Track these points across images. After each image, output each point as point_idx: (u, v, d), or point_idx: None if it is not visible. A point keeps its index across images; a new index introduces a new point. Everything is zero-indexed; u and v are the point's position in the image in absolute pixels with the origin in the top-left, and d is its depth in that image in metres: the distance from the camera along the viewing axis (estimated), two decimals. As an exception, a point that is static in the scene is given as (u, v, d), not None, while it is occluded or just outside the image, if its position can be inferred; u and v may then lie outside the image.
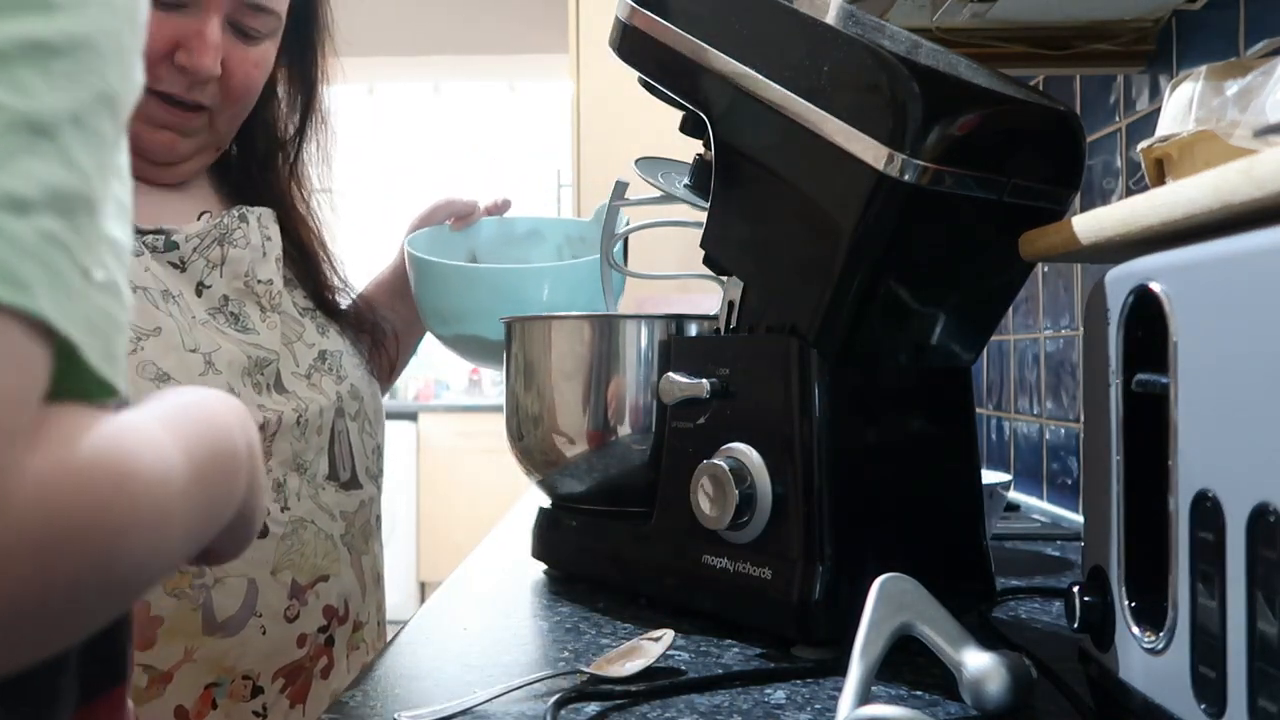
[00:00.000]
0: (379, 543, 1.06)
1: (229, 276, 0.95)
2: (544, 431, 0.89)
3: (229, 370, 0.90)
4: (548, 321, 0.91)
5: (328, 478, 0.96)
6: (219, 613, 0.86)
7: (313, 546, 0.93)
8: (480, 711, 0.58)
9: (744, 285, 0.78)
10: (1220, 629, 0.41)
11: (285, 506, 0.91)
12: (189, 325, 0.90)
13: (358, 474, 1.00)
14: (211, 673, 0.86)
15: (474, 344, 1.08)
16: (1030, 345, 1.48)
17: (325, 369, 0.99)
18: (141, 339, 0.86)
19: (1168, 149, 0.59)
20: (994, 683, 0.55)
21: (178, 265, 0.93)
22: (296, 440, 0.93)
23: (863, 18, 0.80)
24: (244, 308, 0.95)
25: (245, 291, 0.96)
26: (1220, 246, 0.42)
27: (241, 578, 0.88)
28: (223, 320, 0.93)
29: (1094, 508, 0.55)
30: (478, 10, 3.29)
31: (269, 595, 0.89)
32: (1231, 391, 0.41)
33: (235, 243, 0.96)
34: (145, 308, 0.88)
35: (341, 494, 0.97)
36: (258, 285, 0.97)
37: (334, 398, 0.98)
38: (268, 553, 0.90)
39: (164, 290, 0.90)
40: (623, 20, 0.84)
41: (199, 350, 0.88)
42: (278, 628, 0.90)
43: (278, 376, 0.94)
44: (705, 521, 0.73)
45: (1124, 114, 1.21)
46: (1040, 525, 1.22)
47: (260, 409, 0.90)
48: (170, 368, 0.86)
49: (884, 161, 0.64)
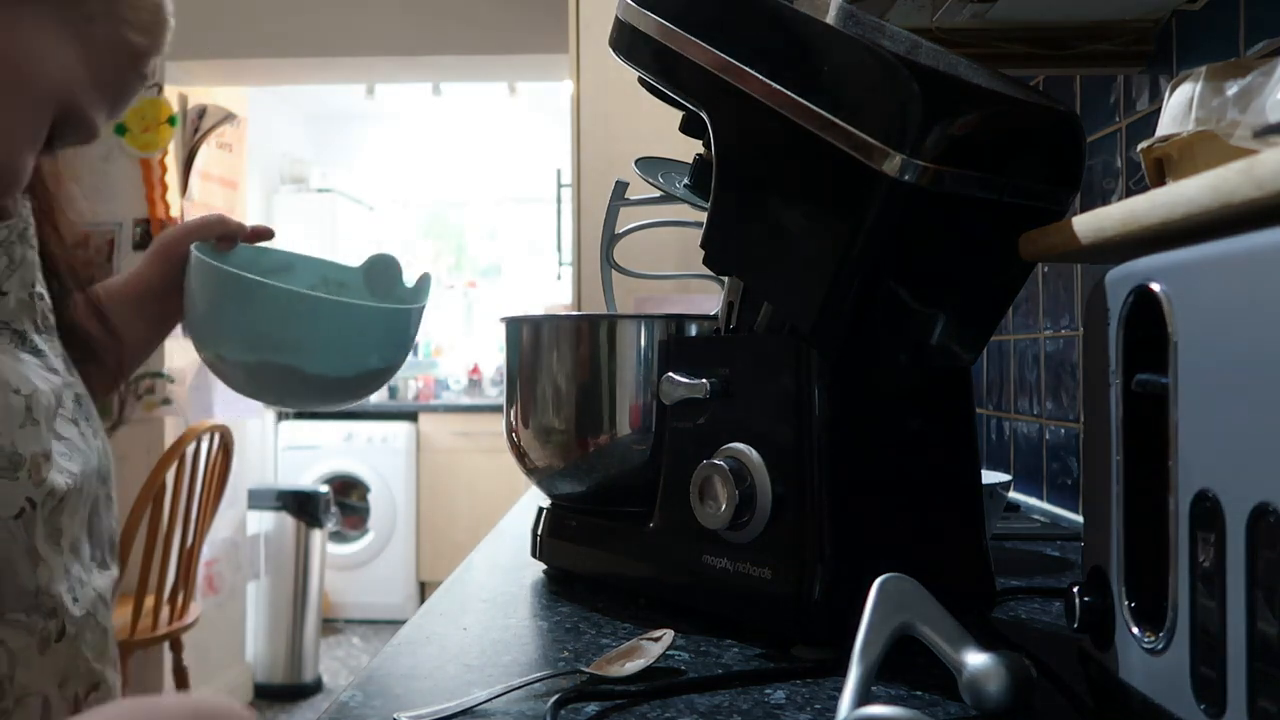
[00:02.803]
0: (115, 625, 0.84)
1: (20, 285, 0.75)
2: (544, 432, 0.89)
3: (46, 419, 0.72)
4: (548, 322, 0.91)
5: (91, 558, 0.77)
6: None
7: (92, 645, 0.76)
8: (480, 711, 0.58)
9: (744, 285, 0.78)
10: (1220, 629, 0.41)
11: (76, 599, 0.74)
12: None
13: (106, 552, 0.81)
14: None
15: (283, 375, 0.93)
16: (1030, 345, 1.48)
17: (84, 417, 0.78)
18: None
19: (1168, 149, 0.59)
20: (994, 683, 0.55)
21: None
22: (73, 512, 0.74)
23: (863, 18, 0.80)
24: (25, 325, 0.75)
25: (27, 305, 0.76)
26: (1220, 246, 0.42)
27: (37, 696, 0.71)
28: (11, 340, 0.74)
29: (1094, 508, 0.55)
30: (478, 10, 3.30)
31: (58, 715, 0.73)
32: (1231, 391, 0.41)
33: (30, 242, 0.76)
34: None
35: (102, 576, 0.79)
36: (36, 299, 0.77)
37: (97, 457, 0.78)
38: (60, 660, 0.73)
39: None
40: (622, 19, 0.84)
41: (20, 391, 0.71)
42: None
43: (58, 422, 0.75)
44: (705, 521, 0.73)
45: (1124, 114, 1.21)
46: (1040, 525, 1.22)
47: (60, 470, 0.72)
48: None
49: (884, 161, 0.64)
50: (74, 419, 0.76)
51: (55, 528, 0.72)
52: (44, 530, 0.70)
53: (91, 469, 0.76)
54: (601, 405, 0.86)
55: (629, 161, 0.92)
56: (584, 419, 0.87)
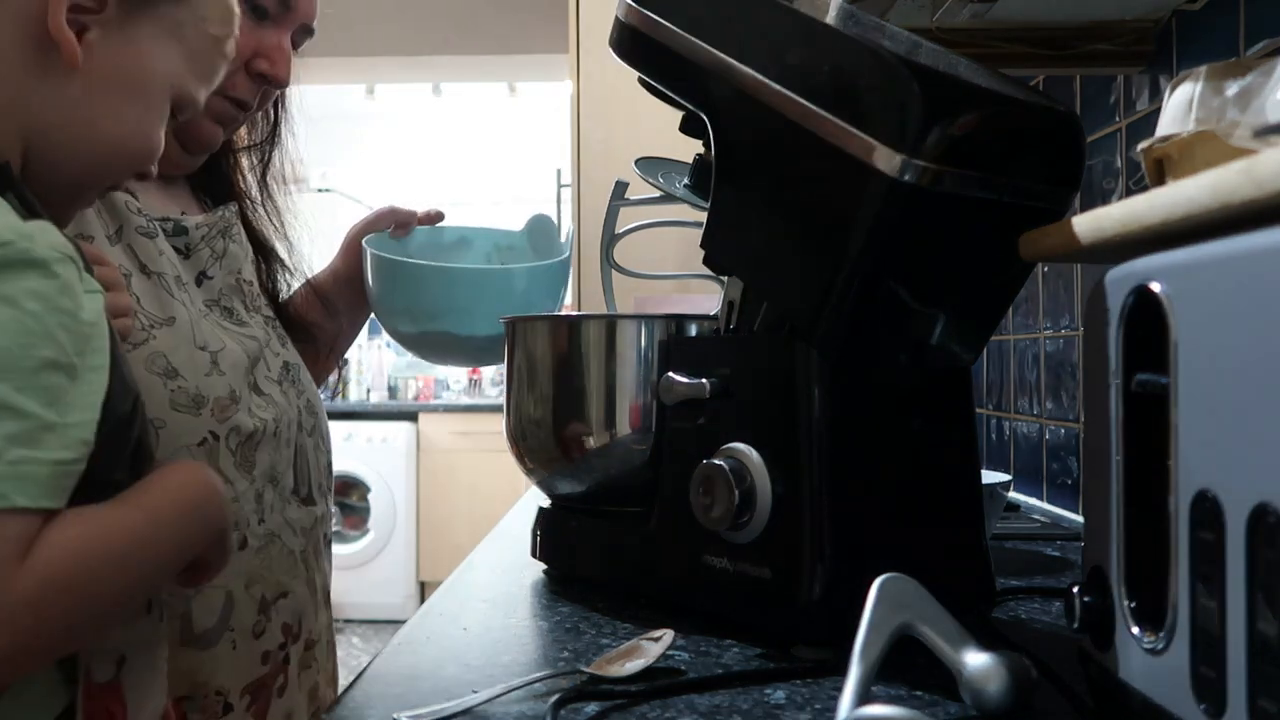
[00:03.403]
0: (329, 561, 1.06)
1: (226, 270, 0.97)
2: (544, 431, 0.89)
3: (232, 371, 0.90)
4: (548, 322, 0.91)
5: (292, 492, 0.96)
6: (196, 625, 0.86)
7: (279, 561, 0.93)
8: (480, 711, 0.58)
9: (744, 285, 0.78)
10: (1220, 629, 0.41)
11: (262, 519, 0.91)
12: (196, 317, 0.90)
13: (314, 490, 1.00)
14: (184, 686, 0.85)
15: (443, 341, 1.12)
16: (1030, 345, 1.48)
17: (289, 380, 0.99)
18: (154, 326, 0.86)
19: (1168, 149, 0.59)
20: (994, 683, 0.55)
21: (183, 251, 0.94)
22: (273, 451, 0.93)
23: (863, 18, 0.80)
24: (234, 303, 0.97)
25: (235, 289, 0.98)
26: (1220, 246, 0.42)
27: (220, 590, 0.87)
28: (219, 313, 0.94)
29: (1094, 508, 0.55)
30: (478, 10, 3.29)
31: (241, 610, 0.89)
32: (1231, 391, 0.41)
33: (234, 238, 0.99)
34: (159, 293, 0.88)
35: (301, 510, 0.97)
36: (244, 284, 0.99)
37: (297, 411, 0.98)
38: (244, 565, 0.89)
39: (176, 276, 0.91)
40: (622, 20, 0.84)
41: (207, 348, 0.89)
42: (246, 643, 0.89)
43: (259, 378, 0.94)
44: (705, 521, 0.73)
45: (1124, 114, 1.21)
46: (1040, 525, 1.22)
47: (251, 412, 0.90)
48: (180, 363, 0.86)
49: (884, 162, 0.64)
50: (278, 380, 0.97)
51: (247, 459, 0.90)
52: (232, 459, 0.89)
53: (291, 420, 0.96)
54: (601, 405, 0.86)
55: (629, 161, 0.92)
56: (584, 419, 0.87)
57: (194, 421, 0.86)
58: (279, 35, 0.97)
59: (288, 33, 0.98)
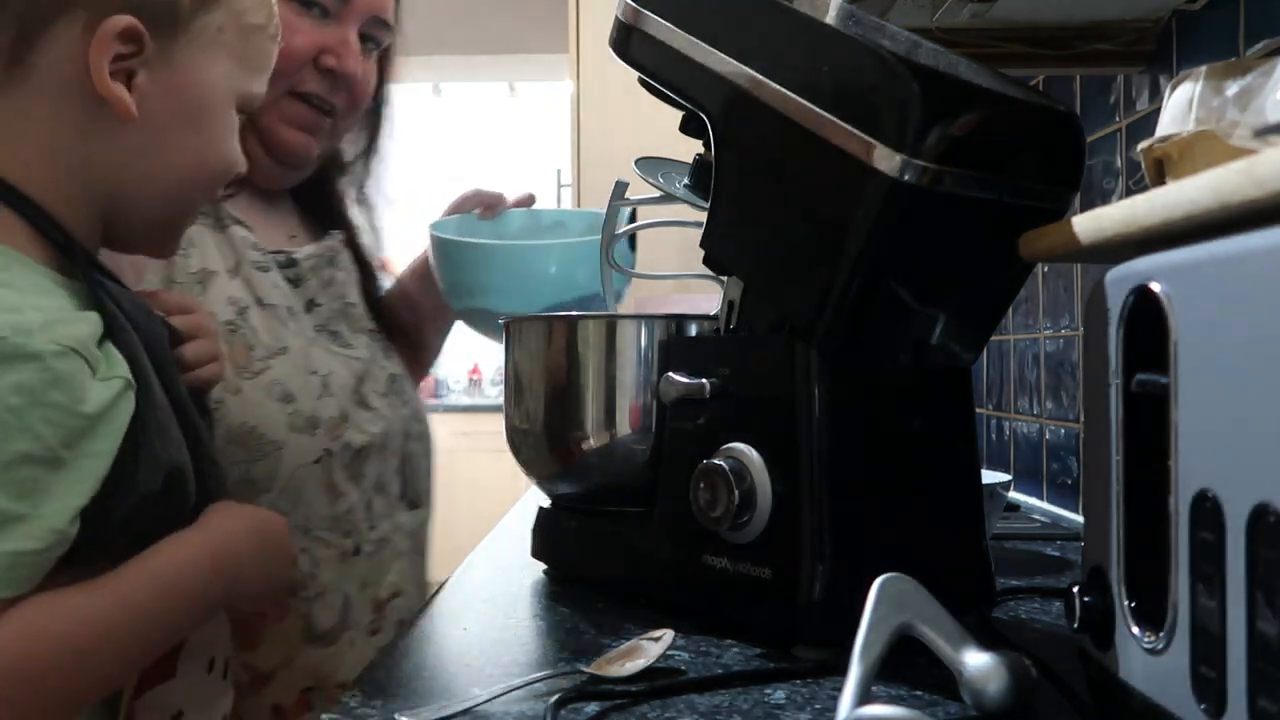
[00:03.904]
0: (426, 563, 1.13)
1: (333, 297, 1.04)
2: (544, 432, 0.89)
3: (341, 393, 0.97)
4: (547, 322, 0.91)
5: (399, 498, 1.03)
6: (318, 624, 0.94)
7: (390, 564, 1.01)
8: (480, 711, 0.58)
9: (744, 285, 0.78)
10: (1220, 629, 0.41)
11: (372, 526, 0.98)
12: (307, 345, 0.97)
13: (419, 495, 1.08)
14: (309, 678, 0.93)
15: (485, 317, 1.13)
16: (1030, 345, 1.48)
17: (395, 392, 1.06)
18: (271, 357, 0.93)
19: (1168, 149, 0.59)
20: (994, 683, 0.55)
21: (293, 281, 1.01)
22: (379, 462, 1.00)
23: (863, 18, 0.80)
24: (340, 327, 1.04)
25: (341, 313, 1.05)
26: (1220, 246, 0.42)
27: (338, 593, 0.95)
28: (326, 338, 1.01)
29: (1094, 508, 0.55)
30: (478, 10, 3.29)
31: (358, 610, 0.97)
32: (1231, 391, 0.41)
33: (340, 266, 1.06)
34: (273, 325, 0.95)
35: (409, 514, 1.05)
36: (350, 308, 1.06)
37: (402, 421, 1.05)
38: (359, 569, 0.97)
39: (288, 306, 0.97)
40: (622, 20, 0.84)
41: (318, 373, 0.96)
42: (363, 640, 0.97)
43: (366, 394, 1.01)
44: (705, 521, 0.73)
45: (1124, 114, 1.21)
46: (1040, 525, 1.22)
47: (359, 429, 0.98)
48: (295, 389, 0.93)
49: (884, 162, 0.64)
50: (385, 393, 1.03)
51: (358, 471, 0.97)
52: (345, 473, 0.95)
53: (396, 431, 1.02)
54: (601, 405, 0.86)
55: (629, 161, 0.91)
56: (584, 419, 0.87)
57: (310, 441, 0.93)
58: (343, 30, 0.99)
59: (352, 28, 1.00)
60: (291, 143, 1.01)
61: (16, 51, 0.64)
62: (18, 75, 0.64)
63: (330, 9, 0.98)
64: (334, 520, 0.95)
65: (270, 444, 0.91)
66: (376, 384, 1.03)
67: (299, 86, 0.98)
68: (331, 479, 0.94)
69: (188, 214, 0.73)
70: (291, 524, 0.88)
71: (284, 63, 0.91)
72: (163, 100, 0.66)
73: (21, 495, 0.56)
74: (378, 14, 1.01)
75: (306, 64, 0.98)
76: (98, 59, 0.63)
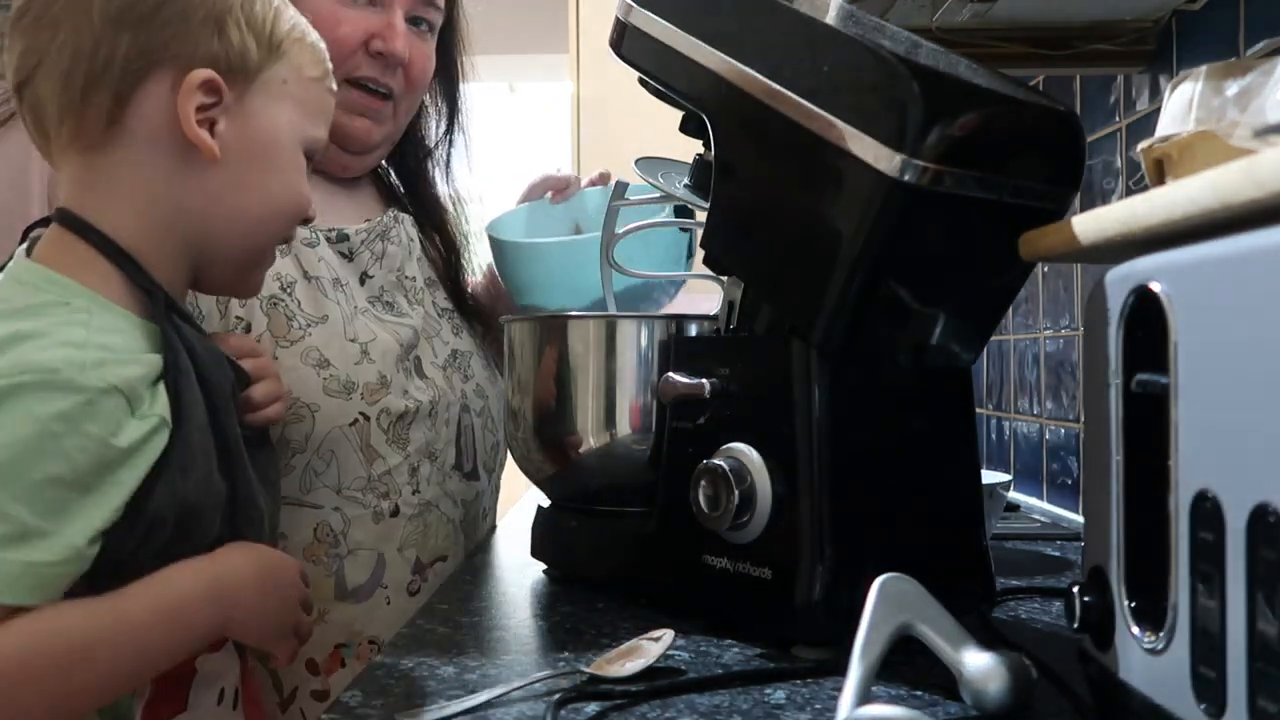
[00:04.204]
0: (484, 534, 1.15)
1: (386, 269, 1.08)
2: (544, 432, 0.89)
3: (382, 359, 1.00)
4: (547, 322, 0.91)
5: (454, 467, 1.07)
6: (349, 581, 0.97)
7: (435, 529, 1.03)
8: (480, 711, 0.58)
9: (744, 285, 0.78)
10: (1220, 629, 0.41)
11: (416, 490, 1.01)
12: (351, 314, 1.01)
13: (478, 466, 1.11)
14: (341, 634, 0.96)
15: None
16: (1030, 345, 1.48)
17: (455, 366, 1.10)
18: (310, 325, 0.97)
19: (1168, 149, 0.59)
20: (994, 683, 0.55)
21: (346, 255, 1.05)
22: (429, 429, 1.03)
23: (863, 18, 0.80)
24: (396, 297, 1.08)
25: (397, 285, 1.09)
26: (1220, 246, 0.42)
27: (371, 551, 0.98)
28: (380, 308, 1.05)
29: (1094, 508, 0.55)
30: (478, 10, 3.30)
31: (395, 570, 0.99)
32: (1231, 391, 0.41)
33: (393, 240, 1.09)
34: (315, 295, 0.99)
35: (464, 483, 1.08)
36: (406, 280, 1.10)
37: (460, 394, 1.09)
38: (396, 531, 1.00)
39: (334, 278, 1.01)
40: (622, 20, 0.84)
41: (357, 340, 0.99)
42: (401, 600, 0.99)
43: (419, 363, 1.05)
44: (705, 521, 0.73)
45: (1124, 114, 1.21)
46: (1040, 525, 1.22)
47: (405, 394, 1.01)
48: (332, 355, 0.97)
49: (884, 162, 0.64)
50: (443, 366, 1.08)
51: (400, 436, 1.00)
52: (384, 436, 0.99)
53: (451, 401, 1.06)
54: (601, 405, 0.86)
55: (629, 161, 0.91)
56: (583, 419, 0.87)
57: (345, 405, 0.96)
58: (388, 14, 1.04)
59: (398, 11, 1.05)
60: (353, 128, 1.06)
61: (114, 112, 0.71)
62: (114, 133, 0.71)
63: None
64: (370, 482, 0.98)
65: (305, 407, 0.95)
66: (434, 355, 1.08)
67: (353, 73, 1.03)
68: (368, 441, 0.98)
69: (267, 251, 0.80)
70: (324, 484, 0.97)
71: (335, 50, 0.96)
72: (240, 144, 0.74)
73: (46, 513, 0.61)
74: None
75: (357, 50, 1.03)
76: (185, 108, 0.71)
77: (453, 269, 1.18)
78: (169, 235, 0.73)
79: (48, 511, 0.61)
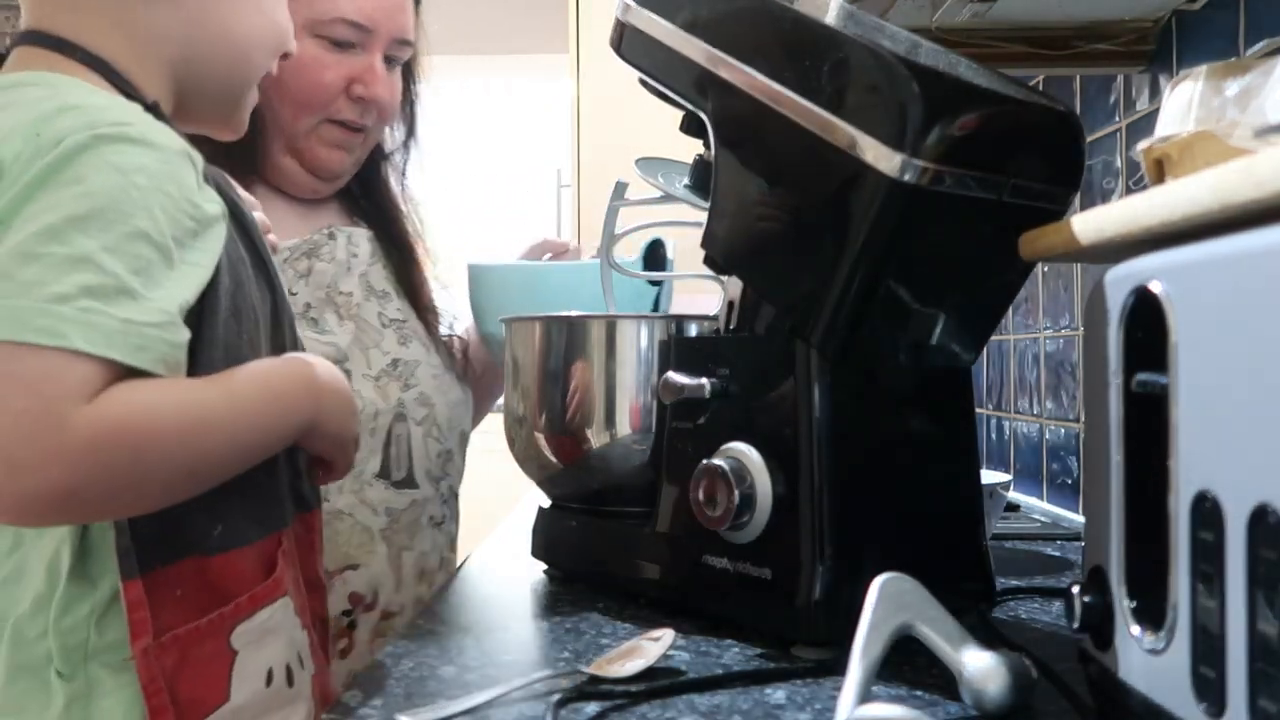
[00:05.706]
0: (429, 541, 1.12)
1: (314, 286, 1.08)
2: (544, 432, 0.89)
3: None
4: (547, 322, 0.91)
5: (377, 475, 1.06)
6: None
7: (346, 537, 1.03)
8: (480, 712, 0.58)
9: (744, 285, 0.78)
10: (1220, 629, 0.41)
11: (326, 498, 0.98)
12: None
13: (415, 475, 1.10)
14: None
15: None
16: (1030, 345, 1.48)
17: (394, 375, 1.10)
18: None
19: (1168, 149, 0.59)
20: (994, 683, 0.55)
21: None
22: None
23: (863, 18, 0.80)
24: (323, 314, 1.08)
25: (326, 301, 1.09)
26: (1220, 246, 0.42)
27: None
28: (303, 325, 1.03)
29: (1094, 508, 0.55)
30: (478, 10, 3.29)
31: None
32: (1231, 391, 0.41)
33: (321, 257, 1.10)
34: None
35: (391, 491, 1.07)
36: (338, 296, 1.10)
37: (396, 403, 1.08)
38: None
39: None
40: (622, 20, 0.84)
41: None
42: None
43: (349, 375, 1.02)
44: (705, 521, 0.73)
45: (1124, 114, 1.21)
46: (1040, 525, 1.22)
47: None
48: None
49: (884, 162, 0.64)
50: (376, 376, 1.08)
51: None
52: None
53: (380, 410, 1.06)
54: (601, 405, 0.86)
55: (629, 161, 0.91)
56: (584, 419, 0.87)
57: None
58: (368, 58, 1.07)
59: (377, 54, 1.07)
60: (328, 159, 1.10)
61: None
62: None
63: (357, 41, 1.06)
64: None
65: None
66: (367, 366, 1.08)
67: (334, 115, 1.07)
68: None
69: (250, 83, 0.77)
70: None
71: (320, 95, 1.05)
72: None
73: (135, 271, 0.58)
74: (398, 36, 1.09)
75: (340, 95, 1.06)
76: None
77: (404, 269, 1.18)
78: (151, 57, 0.70)
79: (137, 269, 0.58)
